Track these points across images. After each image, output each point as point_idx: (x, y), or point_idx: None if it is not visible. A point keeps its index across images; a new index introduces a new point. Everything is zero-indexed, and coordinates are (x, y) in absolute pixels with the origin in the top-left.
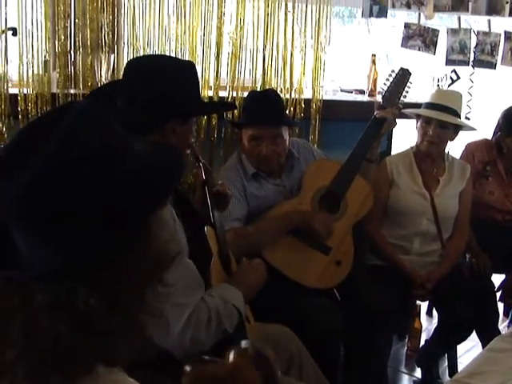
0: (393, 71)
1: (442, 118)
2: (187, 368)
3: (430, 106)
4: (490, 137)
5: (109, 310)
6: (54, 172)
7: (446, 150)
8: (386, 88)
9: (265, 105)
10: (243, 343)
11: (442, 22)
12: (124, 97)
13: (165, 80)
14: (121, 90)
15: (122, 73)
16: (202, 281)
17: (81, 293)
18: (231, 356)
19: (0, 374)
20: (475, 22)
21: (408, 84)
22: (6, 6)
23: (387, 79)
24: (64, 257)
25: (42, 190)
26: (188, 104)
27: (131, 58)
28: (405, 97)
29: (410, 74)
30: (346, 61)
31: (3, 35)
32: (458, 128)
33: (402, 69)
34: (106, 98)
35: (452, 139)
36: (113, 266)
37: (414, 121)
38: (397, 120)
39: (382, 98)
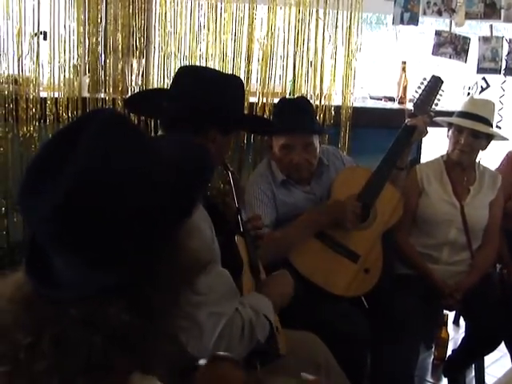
0: (424, 79)
1: (474, 127)
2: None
3: (463, 114)
4: None
5: (142, 321)
6: (84, 189)
7: (477, 160)
8: (417, 96)
9: (296, 113)
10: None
11: (471, 29)
12: (173, 97)
13: (214, 89)
14: (169, 92)
15: (151, 77)
16: (237, 290)
17: (114, 308)
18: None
19: (33, 383)
20: (504, 30)
21: (440, 92)
22: (38, 10)
23: (419, 87)
24: (99, 277)
25: (73, 210)
26: (231, 117)
27: (162, 63)
28: (436, 105)
29: (442, 81)
30: (374, 67)
31: (35, 39)
32: (490, 137)
33: (433, 76)
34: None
35: (484, 148)
36: (145, 279)
37: (444, 129)
38: (428, 128)
39: (414, 105)
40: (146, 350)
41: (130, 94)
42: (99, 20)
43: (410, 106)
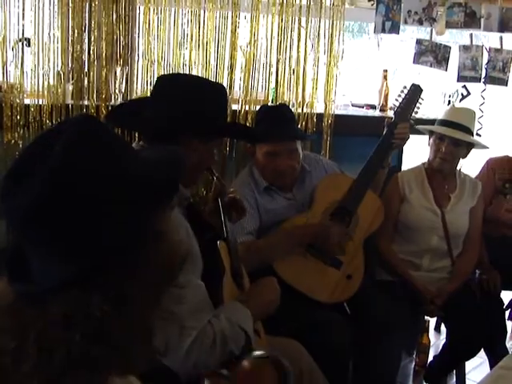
0: (405, 87)
1: (455, 136)
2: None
3: (444, 123)
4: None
5: (119, 314)
6: (57, 186)
7: (458, 167)
8: (397, 104)
9: (280, 120)
10: (259, 352)
11: (452, 38)
12: (152, 107)
13: (192, 96)
14: (151, 102)
15: (135, 85)
16: (210, 302)
17: (91, 302)
18: (249, 360)
19: None
20: (484, 38)
21: (420, 100)
22: (23, 18)
23: (399, 95)
24: (73, 267)
25: (43, 208)
26: (211, 124)
27: (145, 70)
28: (416, 113)
29: (422, 90)
30: (356, 75)
31: (19, 47)
32: (470, 146)
33: (413, 85)
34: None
35: (464, 157)
36: (121, 272)
37: (425, 136)
38: (408, 135)
39: (394, 113)
40: (125, 347)
41: (113, 101)
42: (83, 28)
43: (391, 113)
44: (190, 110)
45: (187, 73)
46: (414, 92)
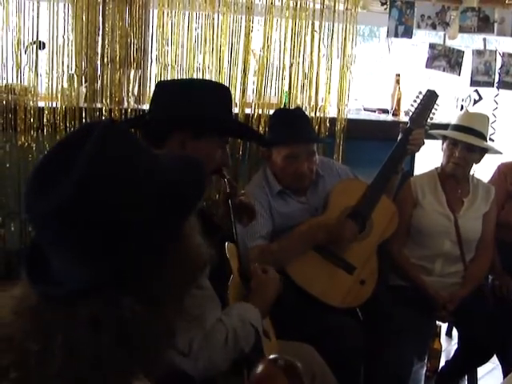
0: (420, 92)
1: (469, 141)
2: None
3: (458, 128)
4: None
5: (149, 316)
6: (86, 190)
7: (471, 172)
8: (413, 109)
9: (298, 123)
10: (273, 356)
11: (464, 42)
12: (148, 112)
13: (180, 96)
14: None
15: (148, 88)
16: (218, 301)
17: (122, 302)
18: (261, 366)
19: None
20: (496, 42)
21: (435, 106)
22: (38, 21)
23: (414, 100)
24: (96, 271)
25: (73, 210)
26: (202, 120)
27: (159, 74)
28: (431, 119)
29: (437, 96)
30: (366, 79)
31: (32, 49)
32: (484, 151)
33: (429, 90)
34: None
35: (478, 162)
36: (149, 274)
37: (438, 141)
38: (424, 141)
39: (410, 119)
40: (150, 347)
41: (126, 105)
42: (97, 31)
43: (404, 118)
44: (175, 107)
45: (201, 77)
46: (430, 98)
